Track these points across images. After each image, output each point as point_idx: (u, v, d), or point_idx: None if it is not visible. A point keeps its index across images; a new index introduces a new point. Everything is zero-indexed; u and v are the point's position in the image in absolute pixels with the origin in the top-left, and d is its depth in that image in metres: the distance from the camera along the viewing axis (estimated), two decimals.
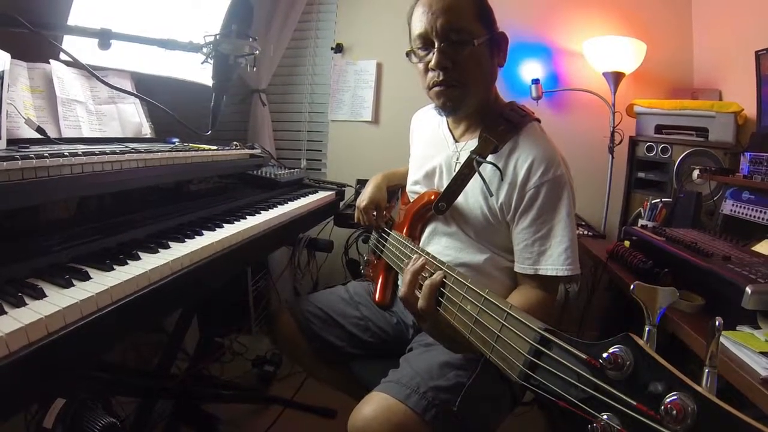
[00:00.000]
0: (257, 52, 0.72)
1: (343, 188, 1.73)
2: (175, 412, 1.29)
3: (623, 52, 1.64)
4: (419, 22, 0.85)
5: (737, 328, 0.74)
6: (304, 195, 1.49)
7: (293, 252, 1.90)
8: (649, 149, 1.61)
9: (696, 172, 1.36)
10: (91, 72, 0.72)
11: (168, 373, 1.36)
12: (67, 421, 0.56)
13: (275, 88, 2.29)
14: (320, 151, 2.36)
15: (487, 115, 0.91)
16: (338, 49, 2.20)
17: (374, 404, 0.78)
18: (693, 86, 1.74)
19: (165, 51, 0.74)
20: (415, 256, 0.77)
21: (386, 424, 0.75)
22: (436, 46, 0.84)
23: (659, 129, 1.61)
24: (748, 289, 0.72)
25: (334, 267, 2.01)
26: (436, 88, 0.87)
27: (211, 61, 0.72)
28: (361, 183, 1.92)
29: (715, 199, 1.33)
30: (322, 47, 2.26)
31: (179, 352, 1.51)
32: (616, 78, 1.68)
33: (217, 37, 0.69)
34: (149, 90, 1.39)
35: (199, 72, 0.95)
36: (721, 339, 0.69)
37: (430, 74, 0.86)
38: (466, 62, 0.84)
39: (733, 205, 1.19)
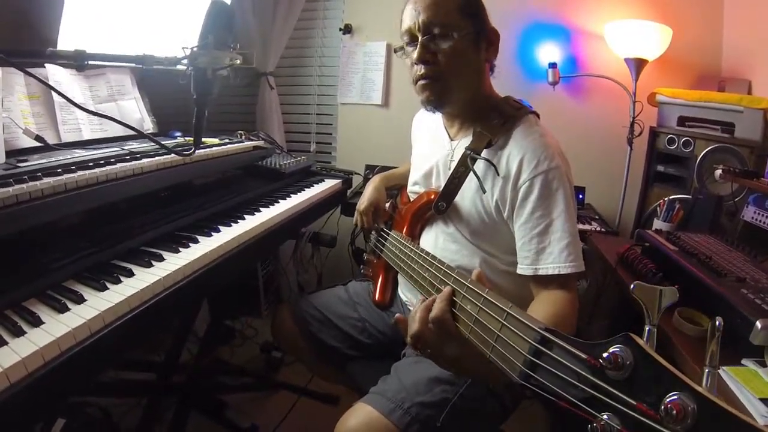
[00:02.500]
0: (238, 61, 0.69)
1: (351, 176, 1.71)
2: (184, 398, 1.35)
3: (647, 37, 1.52)
4: (406, 19, 0.87)
5: (742, 361, 0.71)
6: (310, 185, 1.48)
7: (295, 247, 1.90)
8: (671, 142, 1.52)
9: (719, 172, 1.28)
10: (66, 98, 0.71)
11: (177, 359, 1.41)
12: None
13: (283, 70, 2.23)
14: (330, 134, 2.33)
15: (480, 111, 0.90)
16: (347, 30, 2.12)
17: (358, 417, 0.80)
18: (721, 74, 1.61)
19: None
20: (438, 296, 0.64)
21: None
22: (419, 40, 0.84)
23: (682, 121, 1.51)
24: (758, 324, 0.68)
25: (341, 258, 2.02)
26: (420, 82, 0.87)
27: (191, 73, 0.69)
28: (370, 169, 1.90)
29: (736, 200, 1.25)
30: (330, 28, 2.18)
31: (190, 335, 1.56)
32: (638, 64, 1.57)
33: (194, 49, 0.66)
34: (151, 82, 1.38)
35: None
36: (723, 375, 0.67)
37: (415, 68, 0.87)
38: (449, 55, 0.84)
39: (755, 212, 1.12)
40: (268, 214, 1.11)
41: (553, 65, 1.74)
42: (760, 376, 0.67)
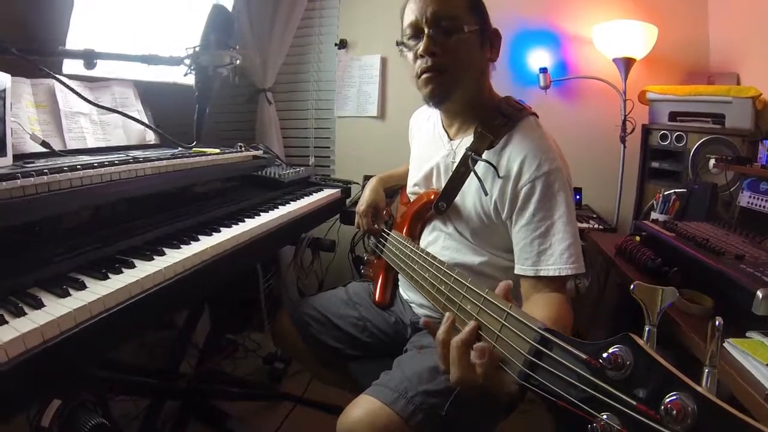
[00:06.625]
0: (238, 61, 0.72)
1: (349, 185, 1.73)
2: (184, 408, 1.33)
3: (633, 36, 1.57)
4: (411, 12, 0.86)
5: (747, 334, 0.71)
6: (309, 194, 1.49)
7: (295, 252, 1.91)
8: (663, 138, 1.54)
9: (712, 161, 1.30)
10: (77, 93, 0.74)
11: (177, 369, 1.40)
12: (62, 421, 0.59)
13: (281, 86, 2.29)
14: (328, 147, 2.37)
15: (480, 111, 0.89)
16: (342, 45, 2.18)
17: (361, 407, 0.79)
18: (709, 70, 1.65)
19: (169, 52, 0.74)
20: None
21: (371, 427, 0.76)
22: (425, 32, 0.83)
23: (673, 116, 1.54)
24: (759, 294, 0.68)
25: (342, 266, 2.02)
26: (425, 75, 0.85)
27: (193, 73, 0.72)
28: (368, 180, 1.92)
29: (731, 189, 1.27)
30: (326, 44, 2.25)
31: (191, 348, 1.55)
32: (626, 64, 1.61)
33: (196, 49, 0.69)
34: (153, 97, 1.42)
35: None
36: (729, 347, 0.67)
37: (419, 62, 0.86)
38: (456, 49, 0.84)
39: (750, 196, 1.14)
40: (267, 218, 1.12)
41: (543, 70, 1.78)
42: (766, 345, 0.66)
